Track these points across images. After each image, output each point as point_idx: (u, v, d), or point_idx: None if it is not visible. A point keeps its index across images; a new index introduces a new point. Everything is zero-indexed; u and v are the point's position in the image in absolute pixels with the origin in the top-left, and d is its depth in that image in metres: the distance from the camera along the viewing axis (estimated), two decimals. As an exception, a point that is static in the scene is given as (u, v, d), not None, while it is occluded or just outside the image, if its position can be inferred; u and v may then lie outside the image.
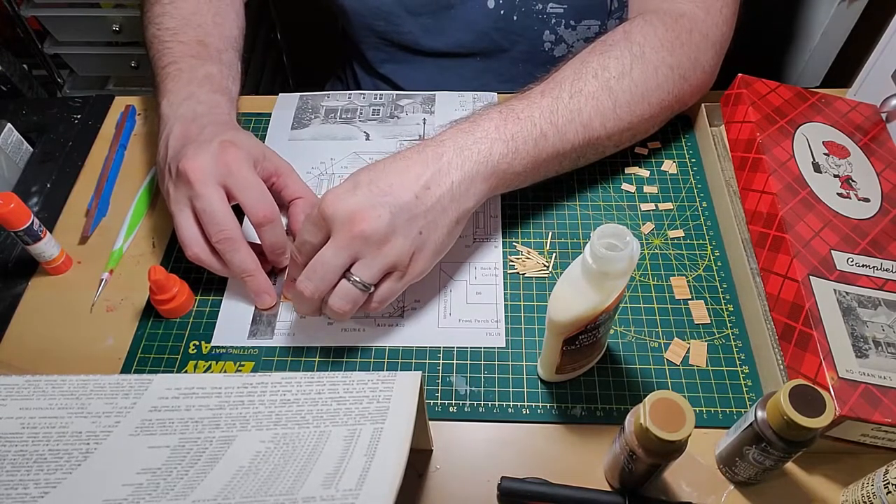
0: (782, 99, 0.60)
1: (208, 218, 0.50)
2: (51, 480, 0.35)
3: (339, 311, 0.48)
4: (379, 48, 0.78)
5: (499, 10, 0.70)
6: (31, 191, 0.64)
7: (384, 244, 0.47)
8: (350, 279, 0.47)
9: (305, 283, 0.48)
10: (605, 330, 0.46)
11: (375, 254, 0.47)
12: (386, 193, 0.47)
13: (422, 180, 0.48)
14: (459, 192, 0.49)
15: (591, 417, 0.48)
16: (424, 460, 0.47)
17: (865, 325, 0.45)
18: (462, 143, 0.50)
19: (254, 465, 0.36)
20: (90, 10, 1.24)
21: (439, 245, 0.50)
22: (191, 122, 0.54)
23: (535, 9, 0.70)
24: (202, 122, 0.54)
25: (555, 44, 0.73)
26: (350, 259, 0.47)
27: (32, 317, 0.55)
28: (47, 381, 0.40)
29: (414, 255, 0.48)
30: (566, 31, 0.72)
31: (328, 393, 0.40)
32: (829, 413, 0.37)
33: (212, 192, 0.50)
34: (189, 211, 0.51)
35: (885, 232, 0.51)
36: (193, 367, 0.52)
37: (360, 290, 0.48)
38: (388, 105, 0.70)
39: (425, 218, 0.48)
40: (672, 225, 0.59)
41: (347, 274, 0.48)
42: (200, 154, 0.50)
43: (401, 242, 0.47)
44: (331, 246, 0.47)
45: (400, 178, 0.48)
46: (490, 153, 0.50)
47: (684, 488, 0.45)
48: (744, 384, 0.50)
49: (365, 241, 0.46)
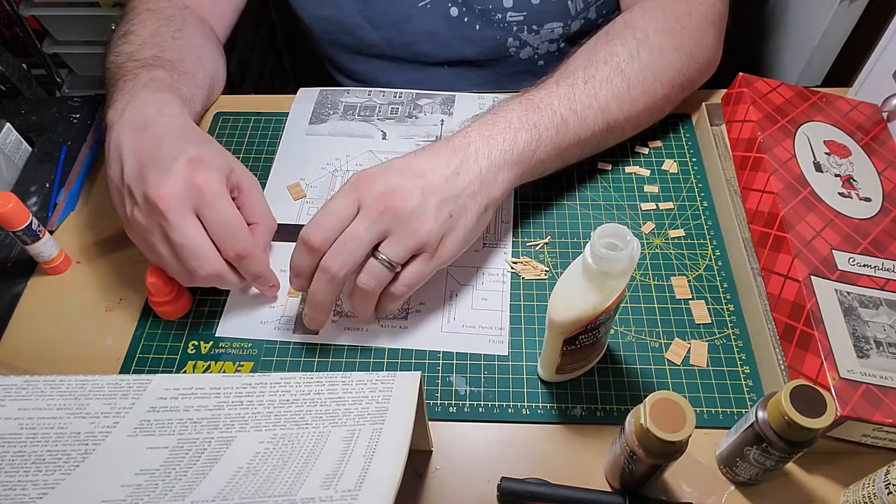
0: (783, 98, 0.60)
1: (187, 253, 0.47)
2: (49, 481, 0.35)
3: (366, 287, 0.47)
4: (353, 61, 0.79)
5: (462, 19, 0.71)
6: (30, 190, 0.63)
7: (414, 222, 0.46)
8: (378, 257, 0.47)
9: (332, 260, 0.46)
10: (606, 330, 0.46)
11: (405, 231, 0.46)
12: (418, 175, 0.47)
13: (452, 166, 0.49)
14: (488, 179, 0.50)
15: (591, 418, 0.48)
16: (424, 461, 0.47)
17: (867, 325, 0.45)
18: (487, 133, 0.51)
19: (253, 465, 0.36)
20: (89, 10, 1.24)
21: (468, 231, 0.49)
22: (141, 130, 0.50)
23: (495, 18, 0.70)
24: (155, 130, 0.50)
25: (520, 48, 0.74)
26: (379, 235, 0.46)
27: (31, 317, 0.55)
28: (46, 382, 0.40)
29: (443, 238, 0.48)
30: (529, 35, 0.72)
31: (327, 393, 0.39)
32: (830, 413, 0.37)
33: (186, 223, 0.47)
34: (164, 241, 0.48)
35: (887, 231, 0.51)
36: (192, 367, 0.52)
37: (387, 268, 0.47)
38: (406, 104, 0.70)
39: (455, 202, 0.48)
40: (673, 224, 0.59)
41: (375, 253, 0.47)
42: (168, 180, 0.46)
43: (431, 223, 0.47)
44: (361, 220, 0.46)
45: (431, 164, 0.49)
46: (515, 141, 0.51)
47: (685, 489, 0.45)
48: (744, 384, 0.49)
49: (396, 217, 0.46)
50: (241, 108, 0.70)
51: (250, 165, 0.65)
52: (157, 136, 0.49)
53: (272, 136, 0.67)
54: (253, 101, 0.71)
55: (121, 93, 0.54)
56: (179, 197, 0.46)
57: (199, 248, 0.47)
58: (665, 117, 0.67)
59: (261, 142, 0.67)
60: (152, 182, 0.47)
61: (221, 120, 0.69)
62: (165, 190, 0.46)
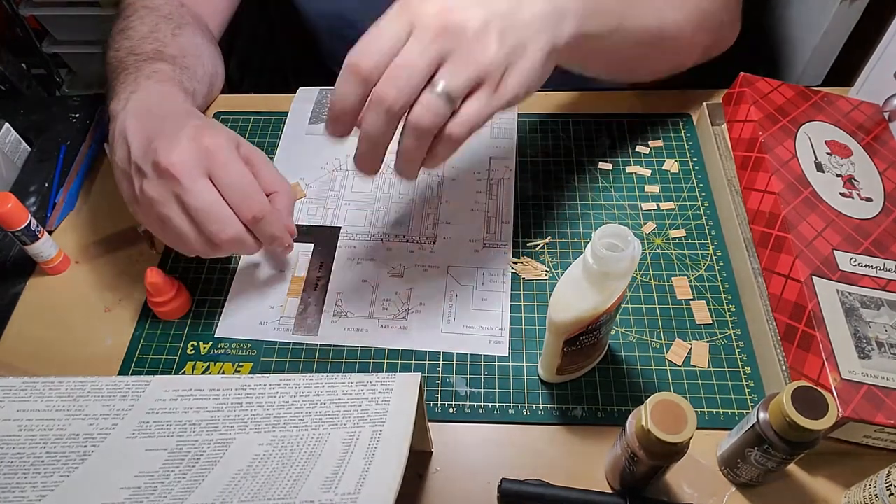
0: (784, 98, 0.60)
1: (205, 216, 0.46)
2: (48, 483, 0.35)
3: (420, 123, 0.41)
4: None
5: None
6: (29, 190, 0.63)
7: (477, 43, 0.40)
8: (433, 91, 0.40)
9: (386, 88, 0.40)
10: (607, 331, 0.45)
11: (466, 54, 0.40)
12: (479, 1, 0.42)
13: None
14: (552, 20, 0.44)
15: (591, 419, 0.48)
16: (424, 462, 0.47)
17: (868, 326, 0.45)
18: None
19: (252, 467, 0.35)
20: (89, 10, 1.24)
21: (533, 70, 0.43)
22: (144, 114, 0.49)
23: None
24: (158, 112, 0.49)
25: None
26: (437, 60, 0.40)
27: (30, 317, 0.55)
28: (45, 383, 0.40)
29: (507, 70, 0.42)
30: None
31: (327, 395, 0.39)
32: (831, 415, 0.37)
33: (201, 186, 0.45)
34: (179, 209, 0.46)
35: (888, 232, 0.51)
36: (192, 367, 0.52)
37: (445, 101, 0.41)
38: None
39: (521, 32, 0.42)
40: (674, 224, 0.59)
41: (429, 87, 0.41)
42: (177, 145, 0.45)
43: (496, 47, 0.41)
44: (415, 42, 0.40)
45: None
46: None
47: (686, 490, 0.45)
48: (746, 385, 0.49)
49: (456, 36, 0.40)
50: (241, 108, 0.70)
51: (250, 165, 0.65)
52: (161, 116, 0.49)
53: (272, 136, 0.67)
54: (252, 101, 0.71)
55: (123, 84, 0.53)
56: (191, 161, 0.45)
57: (217, 210, 0.46)
58: (666, 117, 0.67)
59: (260, 142, 0.67)
60: (162, 150, 0.45)
61: (221, 119, 0.69)
62: (176, 156, 0.45)
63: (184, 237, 0.47)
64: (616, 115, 0.67)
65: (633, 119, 0.67)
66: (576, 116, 0.67)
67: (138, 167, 0.47)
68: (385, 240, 0.59)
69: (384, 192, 0.62)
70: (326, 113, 0.43)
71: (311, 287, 0.56)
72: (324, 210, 0.61)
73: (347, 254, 0.58)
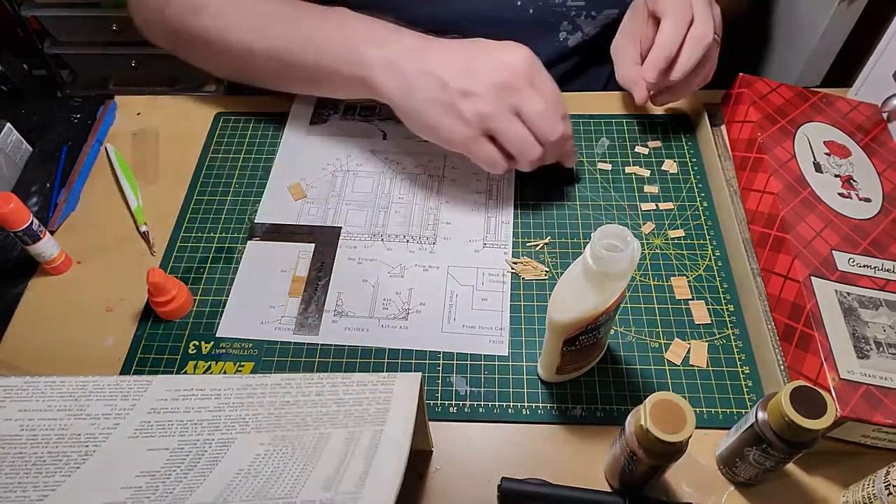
0: (783, 98, 0.60)
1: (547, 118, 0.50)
2: (50, 483, 0.35)
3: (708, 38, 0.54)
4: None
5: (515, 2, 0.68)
6: (31, 191, 0.63)
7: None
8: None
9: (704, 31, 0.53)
10: (606, 330, 0.46)
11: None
12: None
13: None
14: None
15: (591, 418, 0.48)
16: (424, 461, 0.47)
17: (867, 326, 0.45)
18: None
19: (253, 467, 0.36)
20: (90, 10, 1.25)
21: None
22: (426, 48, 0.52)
23: (553, 2, 0.69)
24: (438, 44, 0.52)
25: (570, 33, 0.72)
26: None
27: (32, 317, 0.55)
28: (46, 383, 0.40)
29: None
30: (585, 20, 0.71)
31: (328, 394, 0.39)
32: (830, 414, 0.37)
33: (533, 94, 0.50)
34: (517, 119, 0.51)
35: (887, 232, 0.51)
36: (193, 367, 0.52)
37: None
38: None
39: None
40: (672, 225, 0.59)
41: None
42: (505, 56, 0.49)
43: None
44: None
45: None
46: None
47: (685, 489, 0.45)
48: (744, 385, 0.49)
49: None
50: (242, 109, 0.70)
51: (251, 166, 0.65)
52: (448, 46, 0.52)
53: (273, 137, 0.67)
54: (254, 102, 0.71)
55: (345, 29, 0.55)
56: (523, 67, 0.49)
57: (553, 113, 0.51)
58: (665, 118, 0.67)
59: (261, 142, 0.67)
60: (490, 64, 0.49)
61: (222, 120, 0.69)
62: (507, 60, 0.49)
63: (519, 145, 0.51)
64: (615, 115, 0.68)
65: (632, 119, 0.67)
66: (575, 117, 0.67)
67: (463, 91, 0.50)
68: (385, 240, 0.59)
69: (384, 193, 0.62)
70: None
71: (311, 287, 0.56)
72: (324, 210, 0.61)
73: (348, 254, 0.58)
